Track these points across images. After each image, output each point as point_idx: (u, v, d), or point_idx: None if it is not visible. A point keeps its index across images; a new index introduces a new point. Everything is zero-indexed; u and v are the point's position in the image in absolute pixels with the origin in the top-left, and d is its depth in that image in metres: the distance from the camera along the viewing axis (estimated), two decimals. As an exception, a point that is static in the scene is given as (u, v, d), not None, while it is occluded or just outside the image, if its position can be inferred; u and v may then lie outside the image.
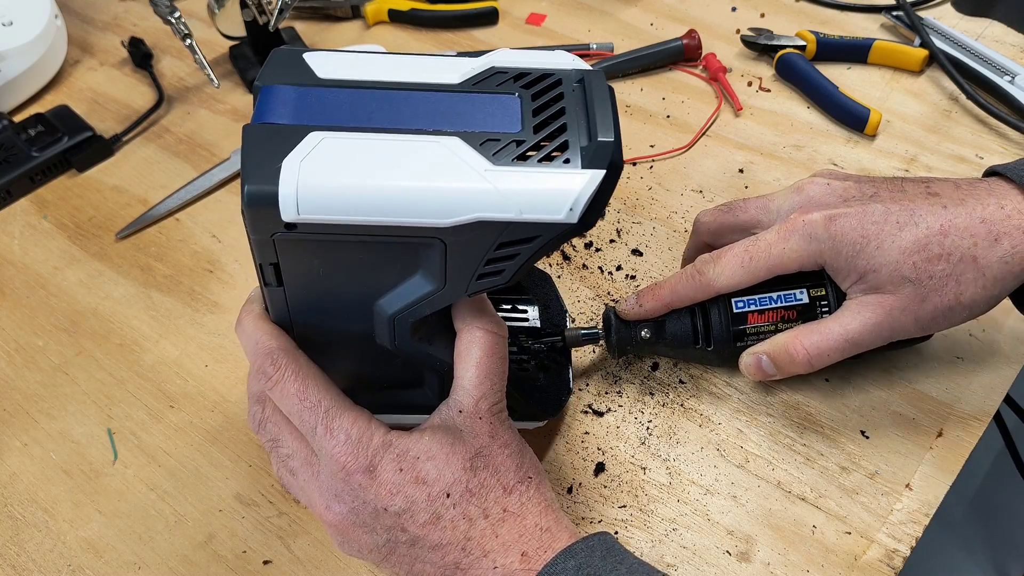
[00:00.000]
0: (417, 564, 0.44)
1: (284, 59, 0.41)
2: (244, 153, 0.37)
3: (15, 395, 0.65)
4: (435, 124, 0.39)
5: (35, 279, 0.72)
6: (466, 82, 0.41)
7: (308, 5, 0.96)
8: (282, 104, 0.39)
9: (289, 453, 0.46)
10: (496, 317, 0.46)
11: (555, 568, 0.42)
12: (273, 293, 0.43)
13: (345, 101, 0.40)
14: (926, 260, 0.50)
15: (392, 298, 0.42)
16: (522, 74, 0.42)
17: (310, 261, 0.41)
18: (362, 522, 0.44)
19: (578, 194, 0.37)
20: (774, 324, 0.55)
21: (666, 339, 0.57)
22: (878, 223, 0.51)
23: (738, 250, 0.54)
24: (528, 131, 0.39)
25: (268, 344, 0.44)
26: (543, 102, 0.40)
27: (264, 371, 0.44)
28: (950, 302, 0.51)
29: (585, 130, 0.39)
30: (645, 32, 0.90)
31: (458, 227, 0.37)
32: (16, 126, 0.82)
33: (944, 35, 0.82)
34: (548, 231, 0.38)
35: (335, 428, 0.43)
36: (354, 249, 0.40)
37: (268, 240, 0.39)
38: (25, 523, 0.57)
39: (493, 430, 0.45)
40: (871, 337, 0.52)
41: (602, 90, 0.40)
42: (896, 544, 0.52)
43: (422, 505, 0.43)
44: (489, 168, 0.37)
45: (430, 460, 0.44)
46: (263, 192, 0.36)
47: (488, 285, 0.41)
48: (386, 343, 0.44)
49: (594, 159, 0.38)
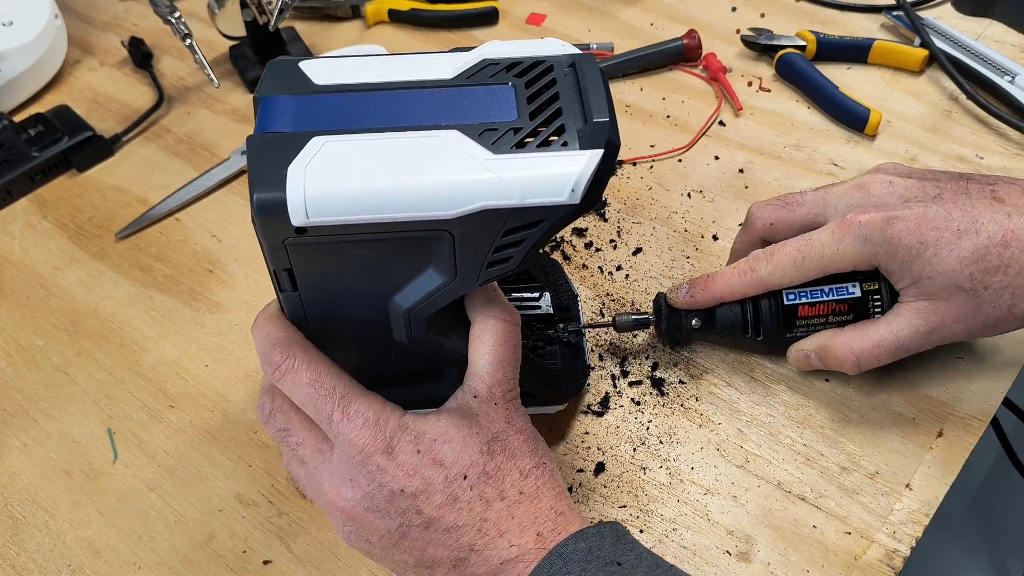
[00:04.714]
0: (430, 548, 0.44)
1: (281, 69, 0.42)
2: (250, 163, 0.38)
3: (15, 395, 0.65)
4: (433, 119, 0.40)
5: (35, 279, 0.72)
6: (459, 76, 0.42)
7: (308, 5, 0.96)
8: (282, 113, 0.40)
9: (299, 441, 0.46)
10: (509, 305, 0.46)
11: (566, 548, 0.43)
12: (289, 298, 0.44)
13: (343, 105, 0.41)
14: (984, 271, 0.49)
15: (406, 294, 0.43)
16: (514, 63, 0.42)
17: (323, 264, 0.41)
18: (376, 507, 0.44)
19: (578, 175, 0.37)
20: (825, 317, 0.55)
21: (716, 328, 0.58)
22: (938, 229, 0.50)
23: (791, 249, 0.54)
24: (524, 118, 0.40)
25: (278, 335, 0.44)
26: (537, 89, 0.41)
27: (273, 361, 0.44)
28: (1003, 314, 0.50)
29: (580, 112, 0.40)
30: (645, 32, 0.90)
31: (464, 217, 0.38)
32: (16, 126, 0.82)
33: (944, 35, 0.82)
34: (552, 214, 0.38)
35: (352, 412, 0.43)
36: (364, 248, 0.40)
37: (280, 246, 0.40)
38: (25, 523, 0.57)
39: (508, 416, 0.46)
40: (921, 342, 0.52)
41: (594, 72, 0.41)
42: (896, 544, 0.52)
43: (439, 487, 0.43)
44: (489, 157, 0.38)
45: (447, 443, 0.44)
46: (271, 199, 0.37)
47: (498, 273, 0.41)
48: (403, 338, 0.45)
49: (591, 140, 0.38)
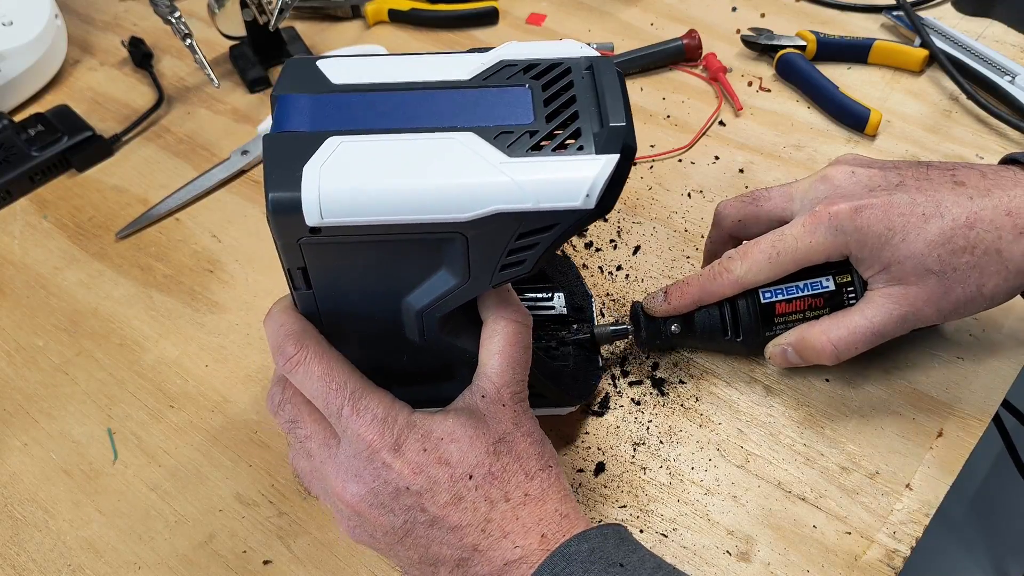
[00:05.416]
0: (434, 546, 0.44)
1: (298, 68, 0.42)
2: (266, 162, 0.38)
3: (15, 395, 0.65)
4: (449, 121, 0.40)
5: (35, 279, 0.72)
6: (476, 77, 0.42)
7: (308, 5, 0.96)
8: (299, 112, 0.40)
9: (308, 434, 0.46)
10: (520, 306, 0.46)
11: (569, 549, 0.42)
12: (303, 296, 0.44)
13: (360, 105, 0.40)
14: (951, 252, 0.51)
15: (419, 294, 0.43)
16: (531, 65, 0.42)
17: (336, 263, 0.41)
18: (381, 503, 0.44)
19: (593, 180, 0.37)
20: (802, 312, 0.56)
21: (695, 332, 0.58)
22: (904, 215, 0.51)
23: (764, 245, 0.55)
24: (541, 121, 0.39)
25: (292, 327, 0.44)
26: (554, 91, 0.41)
27: (286, 352, 0.44)
28: (972, 293, 0.52)
29: (597, 116, 0.39)
30: (645, 32, 0.90)
31: (478, 220, 0.38)
32: (16, 126, 0.82)
33: (944, 35, 0.82)
34: (567, 218, 0.38)
35: (361, 408, 0.43)
36: (378, 249, 0.40)
37: (295, 245, 0.39)
38: (25, 523, 0.57)
39: (516, 418, 0.45)
40: (895, 327, 0.53)
41: (611, 76, 0.41)
42: (896, 544, 0.52)
43: (444, 485, 0.43)
44: (504, 160, 0.38)
45: (454, 442, 0.44)
46: (286, 199, 0.37)
47: (511, 275, 0.41)
48: (415, 338, 0.45)
49: (607, 144, 0.38)
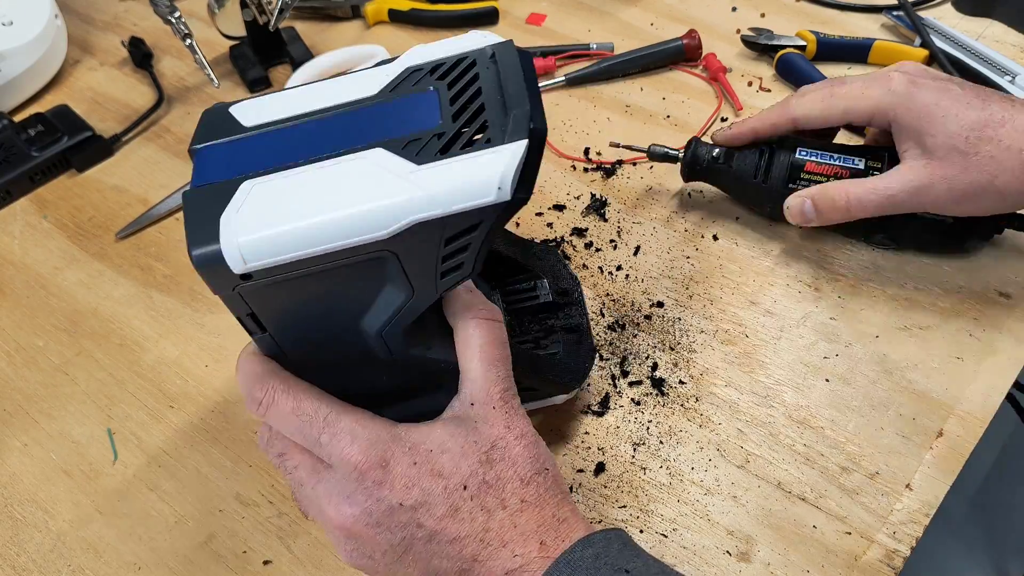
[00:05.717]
0: (434, 560, 0.43)
1: (212, 118, 0.42)
2: (186, 219, 0.38)
3: (15, 395, 0.65)
4: (358, 140, 0.39)
5: (35, 279, 0.72)
6: (383, 90, 0.42)
7: (308, 5, 0.96)
8: (215, 162, 0.40)
9: (296, 464, 0.45)
10: (488, 303, 0.46)
11: (572, 555, 0.42)
12: (261, 340, 0.43)
13: (271, 143, 0.40)
14: (979, 139, 0.56)
15: (372, 316, 0.42)
16: (437, 66, 0.42)
17: (281, 302, 0.41)
18: (376, 522, 0.43)
19: (503, 172, 0.37)
20: (827, 177, 0.63)
21: (731, 168, 0.66)
22: (954, 100, 0.58)
23: (823, 87, 0.63)
24: (448, 122, 0.39)
25: (255, 371, 0.44)
26: (459, 89, 0.40)
27: (255, 398, 0.44)
28: (985, 182, 0.56)
29: (501, 105, 0.39)
30: (645, 32, 0.90)
31: (398, 235, 0.37)
32: (16, 126, 0.82)
33: (944, 35, 0.82)
34: (487, 214, 0.38)
35: (339, 431, 0.43)
36: (317, 280, 0.39)
37: (234, 294, 0.39)
38: (25, 523, 0.57)
39: (508, 420, 0.45)
40: (907, 197, 0.59)
41: (512, 61, 0.40)
42: (896, 544, 0.52)
43: (439, 498, 0.43)
44: (413, 170, 0.37)
45: (445, 453, 0.43)
46: (208, 253, 0.37)
47: (455, 280, 0.40)
48: (386, 357, 0.44)
49: (514, 132, 0.38)
